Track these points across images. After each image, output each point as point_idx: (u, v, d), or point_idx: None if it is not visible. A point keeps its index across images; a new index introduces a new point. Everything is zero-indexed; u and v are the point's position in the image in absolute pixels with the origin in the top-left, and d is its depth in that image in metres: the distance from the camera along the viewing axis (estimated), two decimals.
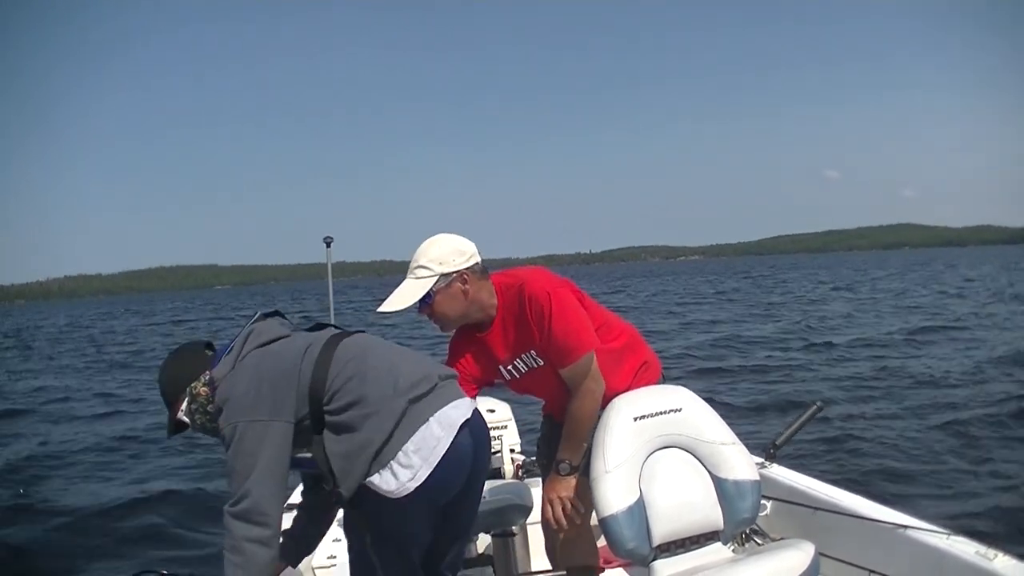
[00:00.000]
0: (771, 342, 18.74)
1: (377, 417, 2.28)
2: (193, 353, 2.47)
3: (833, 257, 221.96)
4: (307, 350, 2.36)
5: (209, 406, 2.36)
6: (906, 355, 15.43)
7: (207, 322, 44.09)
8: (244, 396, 2.26)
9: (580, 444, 2.88)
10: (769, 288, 47.16)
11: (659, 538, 2.66)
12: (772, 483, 3.58)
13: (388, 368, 2.37)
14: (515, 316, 2.87)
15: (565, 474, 2.90)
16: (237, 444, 2.22)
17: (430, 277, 2.78)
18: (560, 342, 2.80)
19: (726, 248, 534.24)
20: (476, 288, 2.83)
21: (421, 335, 20.38)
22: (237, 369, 2.33)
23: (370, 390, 2.30)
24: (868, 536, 3.14)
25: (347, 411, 2.29)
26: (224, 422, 2.26)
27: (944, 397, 11.07)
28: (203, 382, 2.38)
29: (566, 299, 2.83)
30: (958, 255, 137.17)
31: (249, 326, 2.44)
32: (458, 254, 2.81)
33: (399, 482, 2.27)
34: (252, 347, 2.37)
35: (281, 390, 2.28)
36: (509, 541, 3.41)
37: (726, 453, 2.74)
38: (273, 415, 2.25)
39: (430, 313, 2.84)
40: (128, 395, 16.55)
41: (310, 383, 2.30)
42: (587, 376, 2.83)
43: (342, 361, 2.34)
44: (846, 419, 9.80)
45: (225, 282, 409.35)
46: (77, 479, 9.46)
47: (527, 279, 2.87)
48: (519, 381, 3.01)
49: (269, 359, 2.34)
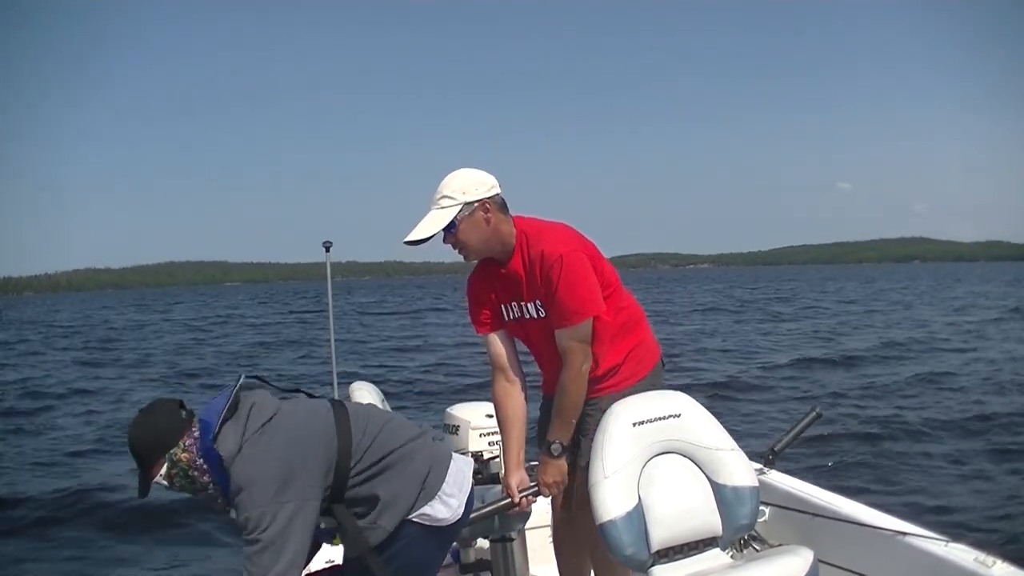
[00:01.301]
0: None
1: (413, 459, 2.43)
2: (168, 415, 2.33)
3: (845, 269, 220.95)
4: (323, 426, 2.38)
5: (192, 471, 2.30)
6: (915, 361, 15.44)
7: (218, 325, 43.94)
8: (272, 479, 2.21)
9: (570, 423, 2.93)
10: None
11: (658, 544, 2.67)
12: (771, 489, 3.59)
13: (399, 421, 2.55)
14: (527, 265, 2.93)
15: (557, 455, 2.95)
16: (269, 528, 2.17)
17: (454, 206, 2.85)
18: (561, 304, 2.86)
19: (736, 257, 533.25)
20: (497, 219, 2.91)
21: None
22: (252, 448, 2.26)
23: (397, 440, 2.44)
24: (867, 543, 3.14)
25: (380, 463, 2.39)
26: (251, 506, 2.18)
27: (946, 403, 11.14)
28: (183, 447, 2.29)
29: (576, 263, 2.86)
30: (968, 270, 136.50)
31: (234, 390, 2.37)
32: (480, 184, 2.89)
33: (451, 510, 2.46)
34: (258, 424, 2.31)
35: (315, 468, 2.29)
36: (507, 546, 3.41)
37: (725, 459, 2.75)
38: (310, 495, 2.25)
39: (454, 242, 2.91)
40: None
41: (337, 456, 2.35)
42: (579, 344, 2.88)
43: (361, 427, 2.42)
44: (845, 425, 9.84)
45: (235, 279, 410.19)
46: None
47: (545, 235, 2.93)
48: (522, 326, 3.05)
49: (288, 437, 2.30)
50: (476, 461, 3.72)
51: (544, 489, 3.00)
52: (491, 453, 3.74)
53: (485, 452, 3.72)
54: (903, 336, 20.59)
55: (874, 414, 10.55)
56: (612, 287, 3.01)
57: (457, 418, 3.84)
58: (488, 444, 3.71)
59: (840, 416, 10.27)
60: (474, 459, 3.71)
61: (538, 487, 3.04)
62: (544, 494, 3.03)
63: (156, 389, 16.02)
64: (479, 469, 3.80)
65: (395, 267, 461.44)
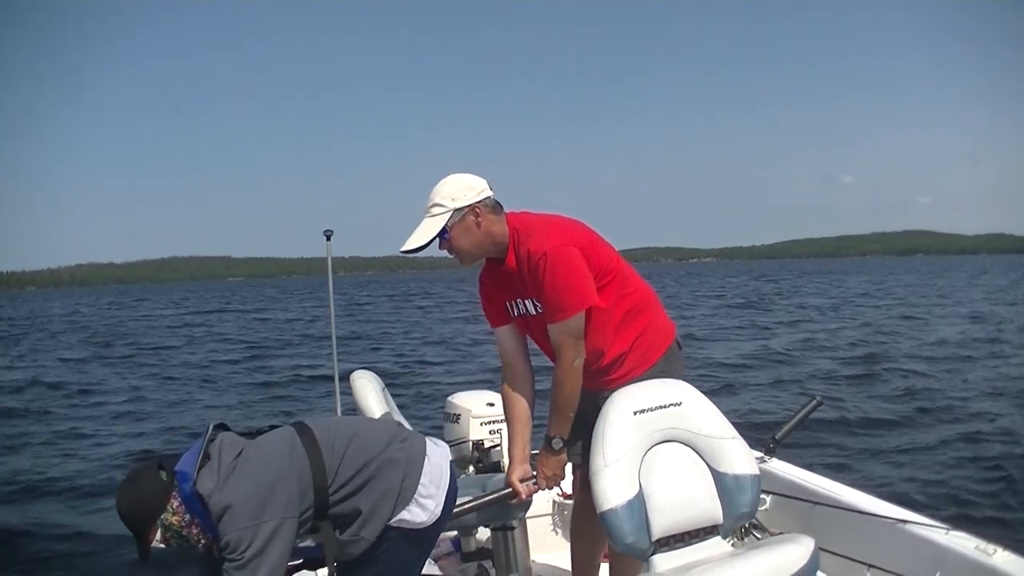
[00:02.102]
0: None
1: (388, 467, 2.48)
2: (151, 482, 2.35)
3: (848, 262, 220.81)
4: (290, 450, 2.44)
5: (184, 530, 2.35)
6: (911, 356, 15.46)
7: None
8: (247, 501, 2.29)
9: (567, 417, 2.98)
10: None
11: (658, 532, 2.67)
12: (772, 477, 3.59)
13: (366, 431, 2.58)
14: (519, 263, 2.97)
15: (558, 449, 3.01)
16: (246, 548, 2.25)
17: (444, 213, 2.90)
18: (549, 301, 2.90)
19: (739, 251, 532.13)
20: (489, 221, 2.94)
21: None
22: (225, 481, 2.32)
23: (368, 452, 2.49)
24: (867, 531, 3.14)
25: (355, 478, 2.45)
26: (230, 529, 2.27)
27: (947, 394, 11.14)
28: (171, 511, 2.33)
29: (561, 259, 2.87)
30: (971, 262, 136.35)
31: (205, 437, 2.43)
32: (468, 189, 2.93)
33: (428, 512, 2.52)
34: (229, 459, 2.37)
35: (289, 488, 2.35)
36: (509, 535, 3.43)
37: (726, 447, 2.75)
38: (285, 513, 2.32)
39: (449, 248, 2.97)
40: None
41: (311, 475, 2.41)
42: (570, 339, 2.91)
43: (328, 444, 2.47)
44: (846, 412, 9.87)
45: (238, 274, 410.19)
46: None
47: (534, 231, 2.95)
48: (525, 322, 3.10)
49: (259, 463, 2.37)
50: (477, 449, 3.73)
51: (543, 482, 3.05)
52: (492, 441, 3.75)
53: (486, 440, 3.73)
54: (905, 325, 20.60)
55: (875, 402, 10.59)
56: (613, 274, 3.01)
57: (458, 407, 3.85)
58: (489, 432, 3.72)
59: (841, 404, 10.30)
60: (475, 447, 3.73)
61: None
62: (543, 487, 3.08)
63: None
64: (480, 457, 3.81)
65: (398, 262, 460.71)
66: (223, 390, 15.41)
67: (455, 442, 3.80)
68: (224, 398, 14.40)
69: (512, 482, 3.04)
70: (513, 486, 3.04)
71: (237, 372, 18.09)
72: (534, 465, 3.13)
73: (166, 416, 12.60)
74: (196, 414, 12.50)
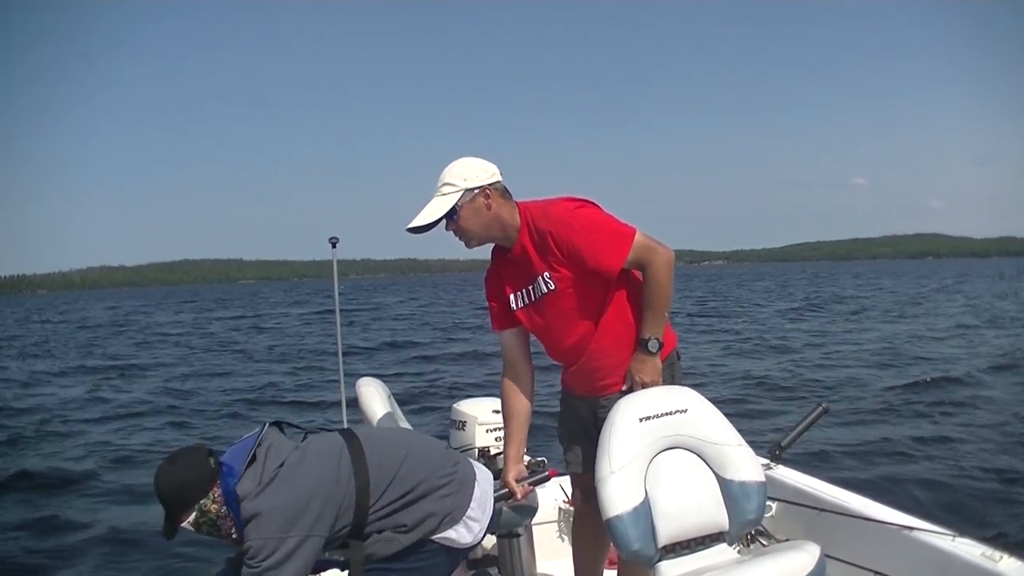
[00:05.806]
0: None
1: (439, 490, 2.50)
2: (198, 463, 2.36)
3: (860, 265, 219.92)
4: (336, 466, 2.41)
5: (220, 520, 2.35)
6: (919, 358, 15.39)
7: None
8: (278, 512, 2.28)
9: (662, 315, 2.93)
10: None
11: (664, 539, 2.68)
12: (777, 484, 3.59)
13: (418, 450, 2.57)
14: (536, 238, 2.93)
15: (655, 351, 2.93)
16: (264, 559, 2.25)
17: (455, 193, 2.87)
18: (597, 245, 2.85)
19: (750, 254, 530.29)
20: (498, 205, 2.92)
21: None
22: (265, 487, 2.32)
23: (419, 474, 2.49)
24: (874, 537, 3.14)
25: (403, 498, 2.45)
26: (255, 536, 2.26)
27: (953, 397, 11.11)
28: (212, 498, 2.34)
29: (588, 212, 2.90)
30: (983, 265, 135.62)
31: (259, 436, 2.43)
32: (481, 171, 2.91)
33: (472, 534, 2.56)
34: (275, 465, 2.36)
35: (325, 506, 2.34)
36: (514, 542, 3.43)
37: (732, 454, 2.75)
38: (312, 531, 2.31)
39: (456, 229, 2.93)
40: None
41: (355, 494, 2.40)
42: (647, 247, 2.87)
43: (376, 464, 2.46)
44: (852, 419, 9.84)
45: (249, 276, 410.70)
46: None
47: (551, 205, 2.94)
48: (536, 309, 3.02)
49: (300, 477, 2.36)
50: (482, 456, 3.74)
51: (639, 387, 2.94)
52: (498, 449, 3.75)
53: (492, 448, 3.73)
54: (914, 329, 20.47)
55: (881, 408, 10.54)
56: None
57: (464, 414, 3.85)
58: (495, 440, 3.72)
59: (847, 411, 10.24)
60: (480, 454, 3.74)
61: (536, 479, 3.06)
62: (639, 389, 2.96)
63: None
64: (485, 464, 3.81)
65: (409, 264, 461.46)
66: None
67: (461, 449, 3.80)
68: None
69: (508, 482, 2.99)
70: (509, 486, 2.99)
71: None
72: (534, 466, 3.14)
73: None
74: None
